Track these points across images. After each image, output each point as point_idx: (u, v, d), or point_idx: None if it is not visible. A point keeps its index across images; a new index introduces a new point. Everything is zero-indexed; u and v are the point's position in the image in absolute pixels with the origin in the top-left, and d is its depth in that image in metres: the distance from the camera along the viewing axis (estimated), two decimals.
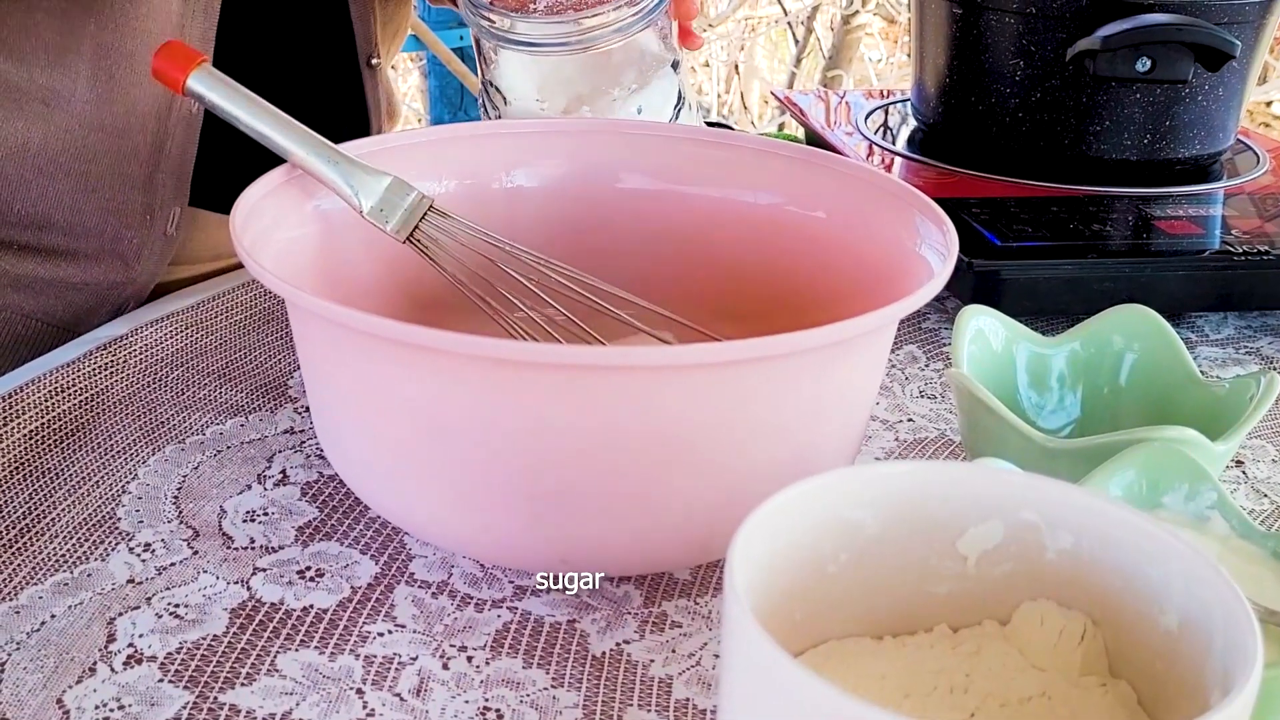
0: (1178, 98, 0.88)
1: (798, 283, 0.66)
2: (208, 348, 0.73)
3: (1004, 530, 0.41)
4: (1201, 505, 0.50)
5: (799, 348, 0.47)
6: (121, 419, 0.65)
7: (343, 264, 0.62)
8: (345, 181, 0.59)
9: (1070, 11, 0.86)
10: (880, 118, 1.06)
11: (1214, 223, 0.85)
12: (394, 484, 0.52)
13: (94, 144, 0.78)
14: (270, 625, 0.51)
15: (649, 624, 0.52)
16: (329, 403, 0.54)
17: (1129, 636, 0.39)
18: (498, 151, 0.69)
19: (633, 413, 0.47)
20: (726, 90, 3.79)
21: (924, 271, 0.56)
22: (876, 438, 0.68)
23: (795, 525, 0.39)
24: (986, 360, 0.61)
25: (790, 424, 0.50)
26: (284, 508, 0.59)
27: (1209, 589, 0.36)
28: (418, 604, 0.53)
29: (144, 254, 0.82)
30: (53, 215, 0.79)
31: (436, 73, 2.44)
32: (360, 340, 0.48)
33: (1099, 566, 0.39)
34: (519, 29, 0.70)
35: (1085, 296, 0.77)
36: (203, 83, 0.60)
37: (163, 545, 0.56)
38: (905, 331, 0.80)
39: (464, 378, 0.47)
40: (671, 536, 0.51)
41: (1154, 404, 0.61)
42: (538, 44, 0.70)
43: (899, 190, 0.61)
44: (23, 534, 0.55)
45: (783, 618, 0.40)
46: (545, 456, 0.47)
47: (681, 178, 0.69)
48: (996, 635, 0.41)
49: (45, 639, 0.49)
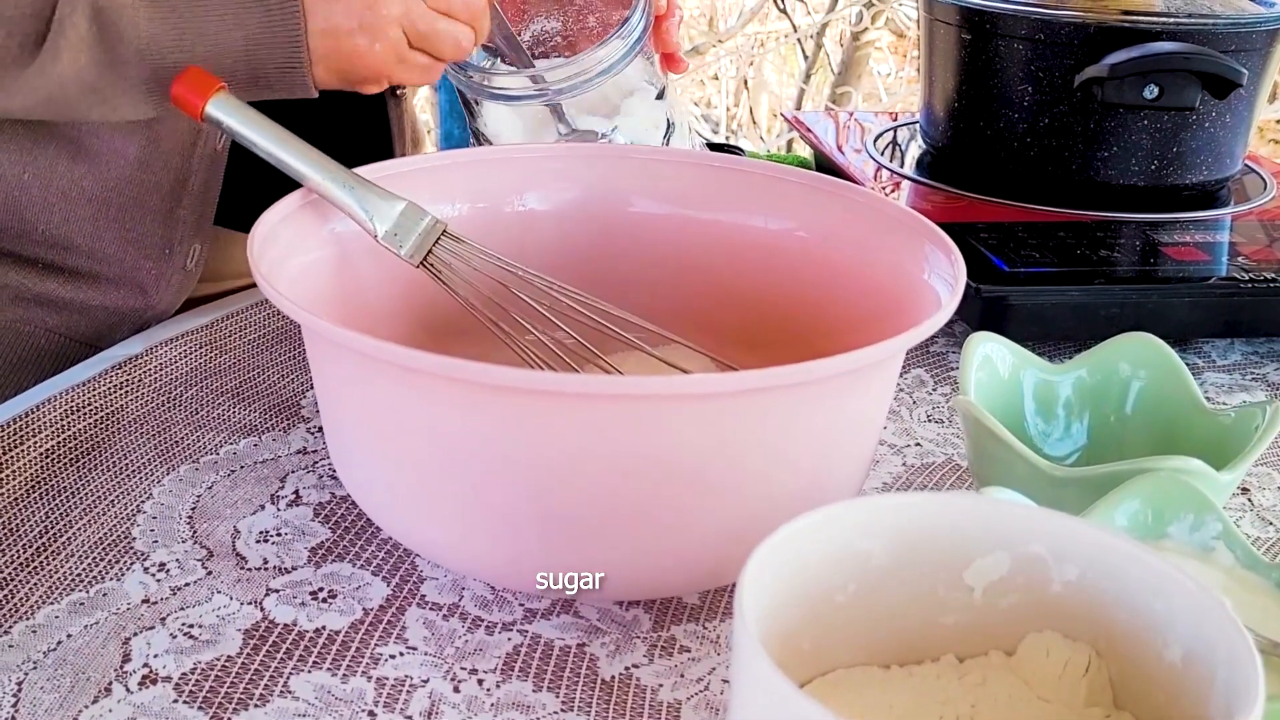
0: (1185, 124, 0.89)
1: (806, 308, 0.66)
2: (222, 367, 0.74)
3: (1010, 562, 0.41)
4: (1206, 536, 0.51)
5: (809, 378, 0.47)
6: (137, 438, 0.66)
7: (357, 287, 0.63)
8: (360, 206, 0.60)
9: (1078, 39, 0.86)
10: (889, 139, 1.07)
11: (1221, 249, 0.85)
12: (406, 507, 0.53)
13: (116, 174, 0.79)
14: (283, 646, 0.51)
15: (658, 648, 0.53)
16: (342, 425, 0.54)
17: (1133, 669, 0.40)
18: (510, 176, 0.70)
19: (644, 441, 0.47)
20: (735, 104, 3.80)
21: (932, 300, 0.57)
22: (884, 462, 0.69)
23: (804, 555, 0.40)
24: (994, 387, 0.62)
25: (799, 451, 0.51)
26: (297, 528, 0.60)
27: (1213, 623, 0.36)
28: (429, 626, 0.53)
29: (162, 285, 0.83)
30: (74, 238, 0.80)
31: (447, 87, 2.44)
32: (375, 366, 0.49)
33: (1104, 599, 0.40)
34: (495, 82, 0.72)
35: (1092, 322, 0.77)
36: (221, 108, 0.61)
37: (177, 565, 0.56)
38: (913, 355, 0.81)
39: (478, 405, 0.47)
40: (681, 562, 0.51)
41: (1160, 432, 0.62)
42: (515, 95, 0.72)
43: (908, 219, 0.62)
44: (39, 553, 0.56)
45: (791, 647, 0.41)
46: (557, 482, 0.48)
47: (692, 203, 0.70)
48: (1002, 666, 0.42)
49: (61, 658, 0.50)
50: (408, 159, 0.69)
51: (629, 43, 0.72)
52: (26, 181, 0.78)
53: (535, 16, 0.79)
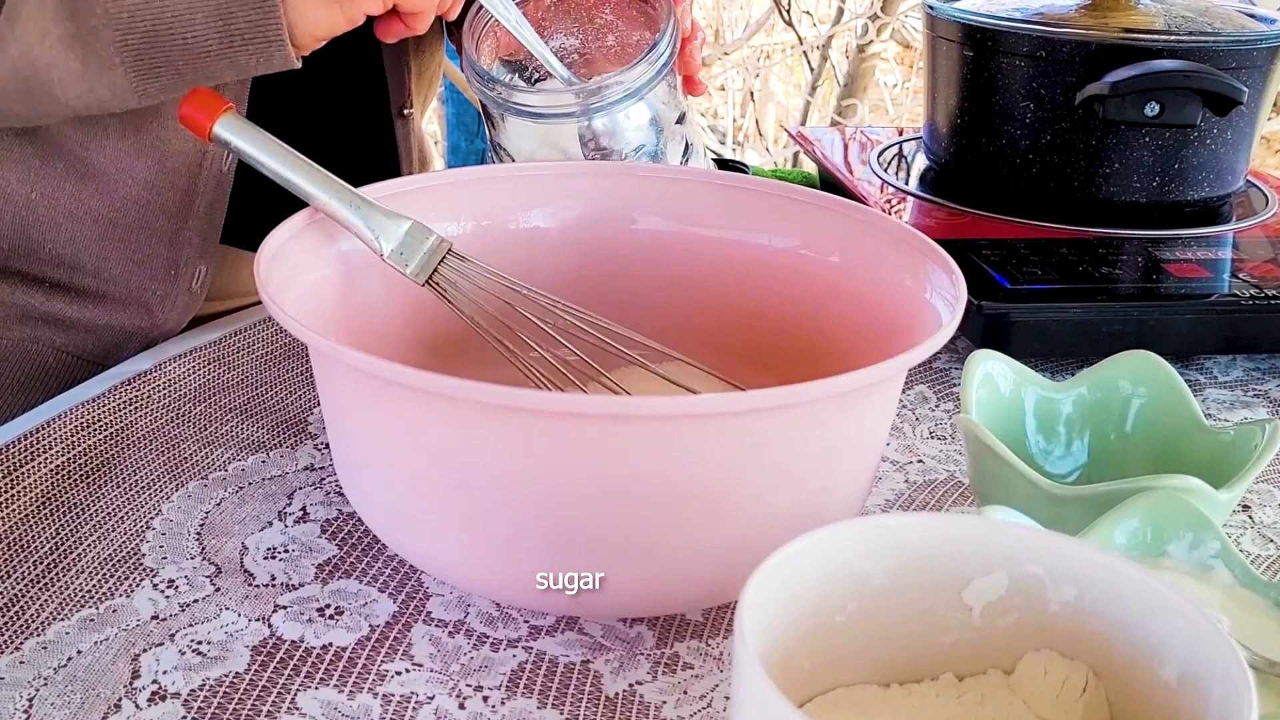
0: (1186, 141, 0.89)
1: (809, 325, 0.67)
2: (230, 383, 0.74)
3: (1009, 582, 0.42)
4: (1205, 554, 0.51)
5: (811, 397, 0.48)
6: (146, 454, 0.66)
7: (363, 306, 0.63)
8: (366, 225, 0.61)
9: (1079, 57, 0.87)
10: (892, 155, 1.08)
11: (1223, 266, 0.85)
12: (412, 525, 0.53)
13: (122, 194, 0.79)
14: (290, 663, 0.52)
15: (661, 665, 0.53)
16: (348, 444, 0.55)
17: (1130, 688, 0.40)
18: (515, 194, 0.70)
19: (649, 460, 0.48)
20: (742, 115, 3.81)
21: (934, 319, 0.57)
22: (887, 479, 0.69)
23: (804, 575, 0.40)
24: (995, 405, 0.62)
25: (802, 470, 0.51)
26: (304, 545, 0.60)
27: (1209, 645, 0.37)
28: (435, 643, 0.54)
29: (167, 305, 0.83)
30: (80, 258, 0.81)
31: (454, 100, 2.46)
32: (380, 386, 0.50)
33: (1101, 619, 0.40)
34: (517, 99, 0.72)
35: (1095, 339, 0.78)
36: (228, 129, 0.61)
37: (186, 582, 0.57)
38: (915, 371, 0.81)
39: (483, 425, 0.48)
40: (685, 580, 0.52)
41: (1160, 450, 0.62)
42: (542, 113, 0.72)
43: (910, 238, 0.63)
44: (50, 569, 0.57)
45: (792, 666, 0.41)
46: (561, 501, 0.49)
47: (696, 221, 0.70)
48: (1001, 685, 0.42)
49: (72, 675, 0.51)
50: (413, 178, 0.69)
51: (656, 66, 0.72)
52: (34, 201, 0.79)
53: (554, 34, 0.79)
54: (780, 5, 3.30)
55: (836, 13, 3.44)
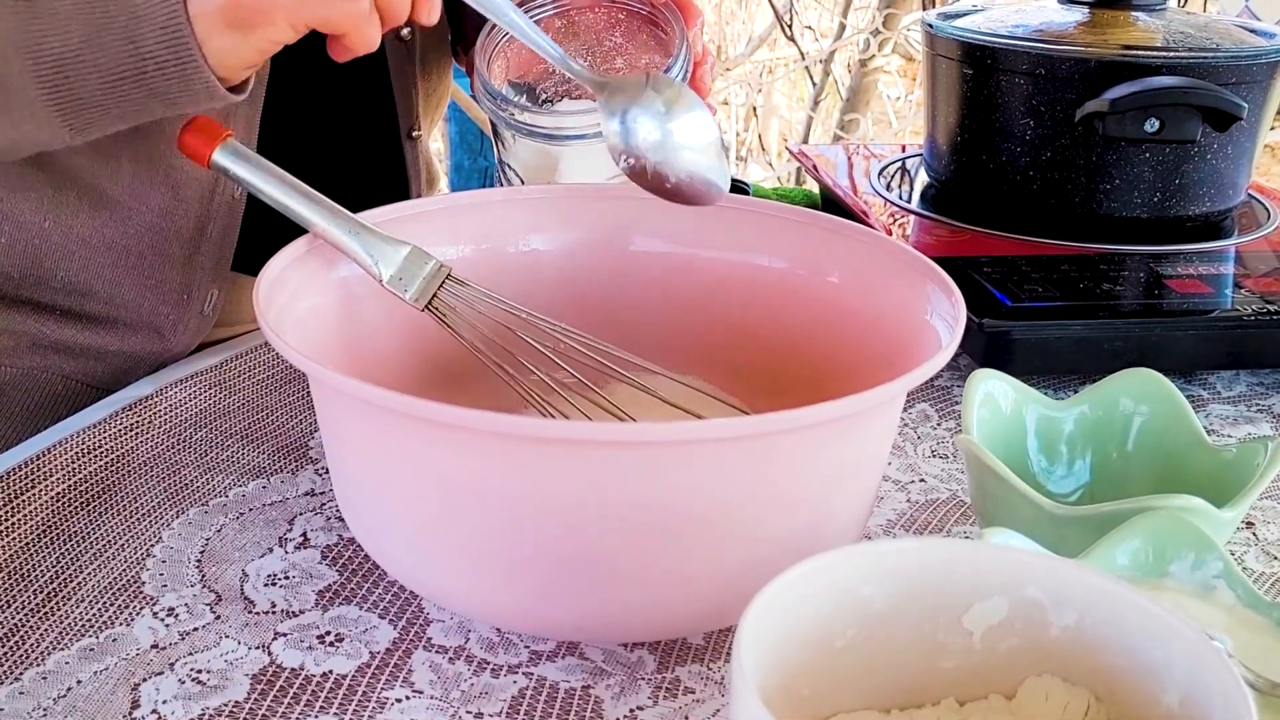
0: (1187, 157, 0.89)
1: (809, 346, 0.67)
2: (231, 408, 0.74)
3: (1009, 607, 0.42)
4: (1207, 575, 0.51)
5: (812, 421, 0.48)
6: (147, 481, 0.66)
7: (363, 331, 0.63)
8: (365, 251, 0.61)
9: (1079, 74, 0.87)
10: (894, 171, 1.08)
11: (1225, 281, 0.85)
12: (411, 552, 0.53)
13: (137, 222, 0.80)
14: (290, 691, 0.52)
15: (662, 690, 0.53)
16: (348, 471, 0.55)
17: (1131, 713, 0.40)
18: (514, 217, 0.70)
19: (650, 485, 0.48)
20: (745, 129, 3.82)
21: (934, 340, 0.57)
22: (889, 499, 0.69)
23: (803, 601, 0.40)
24: (996, 424, 0.62)
25: (804, 493, 0.51)
26: (305, 571, 0.60)
27: (1209, 670, 0.36)
28: (435, 669, 0.54)
29: (179, 329, 0.83)
30: (93, 285, 0.81)
31: (457, 118, 2.47)
32: (380, 414, 0.50)
33: (1103, 644, 0.40)
34: (525, 119, 0.72)
35: (1097, 356, 0.78)
36: (228, 157, 0.61)
37: (186, 610, 0.57)
38: (917, 390, 0.81)
39: (483, 451, 0.48)
40: (686, 604, 0.52)
41: (1162, 468, 0.62)
42: (555, 135, 0.72)
43: (910, 258, 0.62)
44: (50, 598, 0.57)
45: (792, 692, 0.41)
46: (562, 527, 0.49)
47: (695, 242, 0.70)
48: (1002, 710, 0.42)
49: (71, 705, 0.50)
50: (412, 202, 0.69)
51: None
52: (47, 229, 0.79)
53: None
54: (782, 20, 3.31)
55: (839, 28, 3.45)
